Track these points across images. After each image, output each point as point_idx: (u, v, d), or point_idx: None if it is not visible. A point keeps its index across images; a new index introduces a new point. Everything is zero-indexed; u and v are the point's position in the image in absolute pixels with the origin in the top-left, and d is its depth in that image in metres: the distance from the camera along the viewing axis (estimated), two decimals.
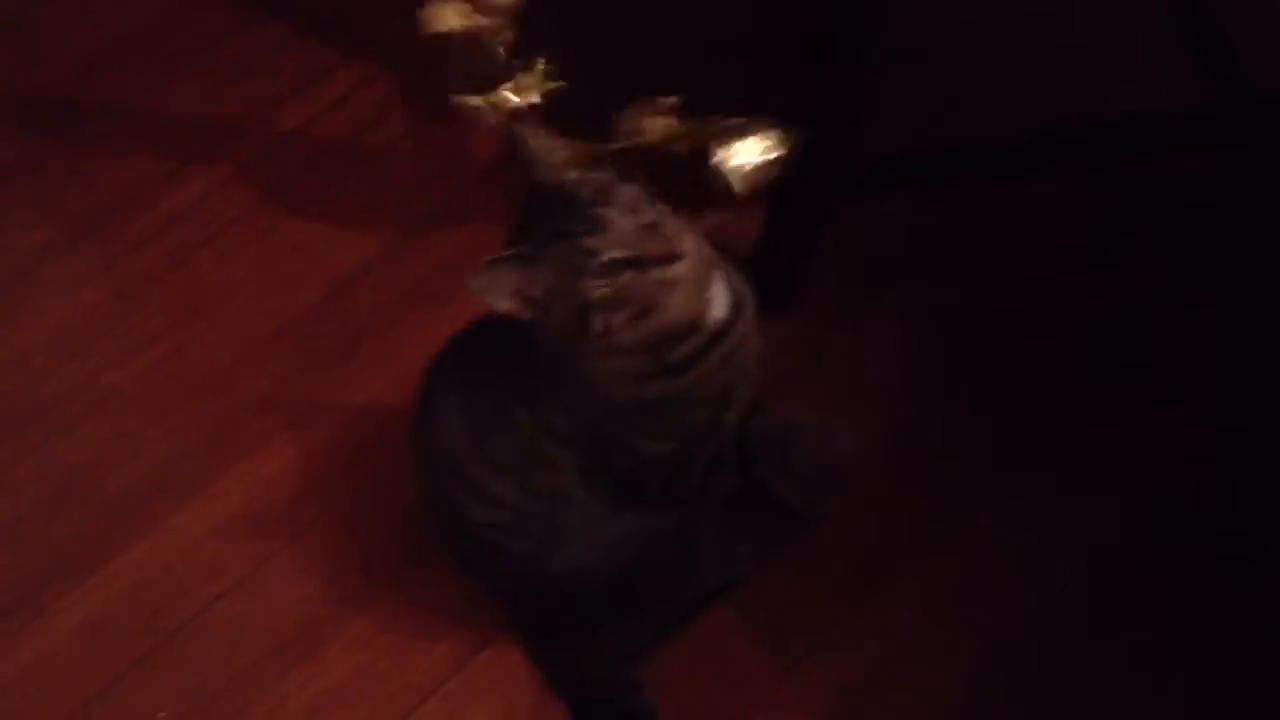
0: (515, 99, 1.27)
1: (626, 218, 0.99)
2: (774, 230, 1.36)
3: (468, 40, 1.28)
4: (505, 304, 1.01)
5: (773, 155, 1.24)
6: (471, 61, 1.30)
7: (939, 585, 1.29)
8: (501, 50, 1.28)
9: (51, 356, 1.48)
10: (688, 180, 1.18)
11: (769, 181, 1.26)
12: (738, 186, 1.25)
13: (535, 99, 1.28)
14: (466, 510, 1.13)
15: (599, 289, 0.98)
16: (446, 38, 1.28)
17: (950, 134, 1.53)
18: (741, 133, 1.25)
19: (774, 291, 1.39)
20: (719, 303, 1.07)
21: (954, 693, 1.23)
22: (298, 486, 1.37)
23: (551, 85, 1.29)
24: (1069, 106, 1.57)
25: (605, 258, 0.98)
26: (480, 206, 1.49)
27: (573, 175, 1.04)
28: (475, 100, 1.28)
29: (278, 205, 1.56)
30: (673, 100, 1.24)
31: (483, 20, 1.27)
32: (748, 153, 1.24)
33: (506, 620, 1.26)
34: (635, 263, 0.98)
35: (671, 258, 0.99)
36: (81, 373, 1.46)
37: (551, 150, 1.05)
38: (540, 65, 1.29)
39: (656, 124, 1.24)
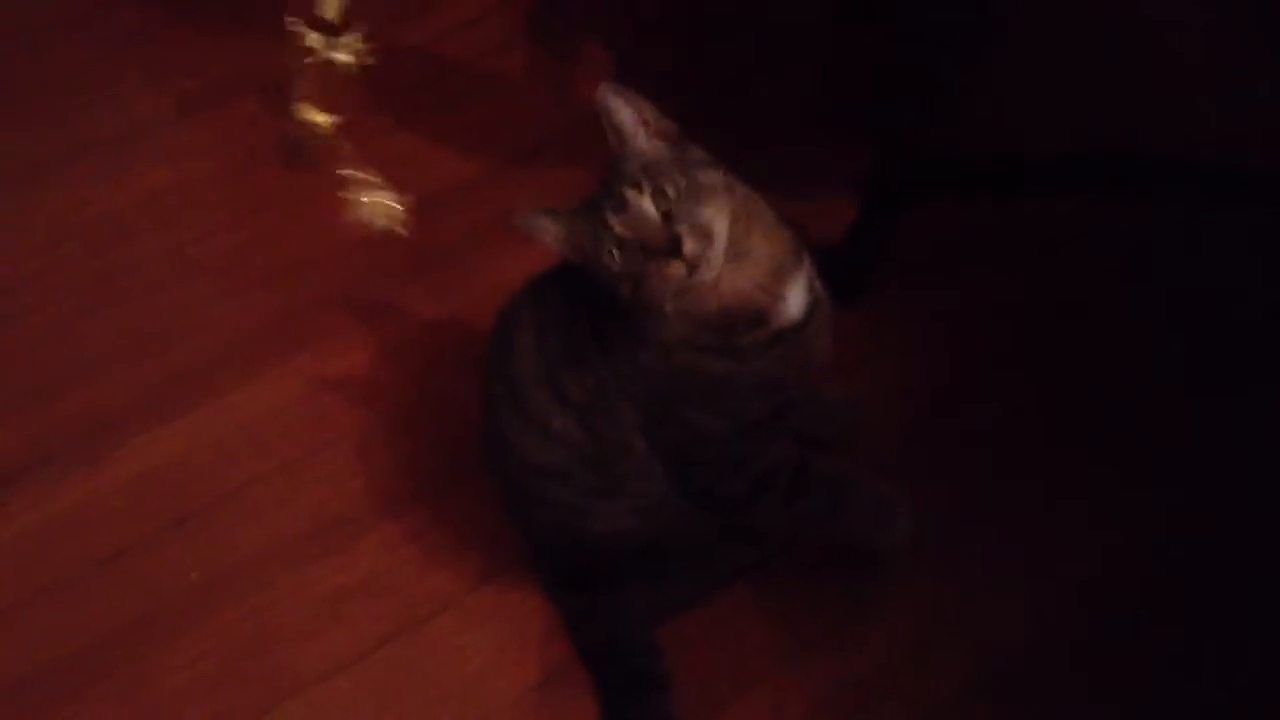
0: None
1: (652, 200, 1.01)
2: (861, 227, 1.37)
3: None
4: (553, 245, 1.06)
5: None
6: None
7: (947, 596, 1.30)
8: None
9: (144, 220, 1.52)
10: None
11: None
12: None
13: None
14: (523, 449, 1.14)
15: (614, 260, 1.02)
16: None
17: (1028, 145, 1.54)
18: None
19: (847, 286, 1.42)
20: (795, 303, 1.08)
21: (948, 701, 1.24)
22: (358, 387, 1.40)
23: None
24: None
25: (615, 233, 1.02)
26: (584, 147, 1.49)
27: (650, 145, 1.05)
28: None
29: (389, 112, 1.59)
30: None
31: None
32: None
33: (531, 553, 1.29)
34: (643, 246, 1.01)
35: (674, 252, 1.00)
36: (169, 241, 1.51)
37: (636, 118, 1.05)
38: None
39: None
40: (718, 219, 1.02)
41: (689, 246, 1.00)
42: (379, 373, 1.41)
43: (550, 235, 1.06)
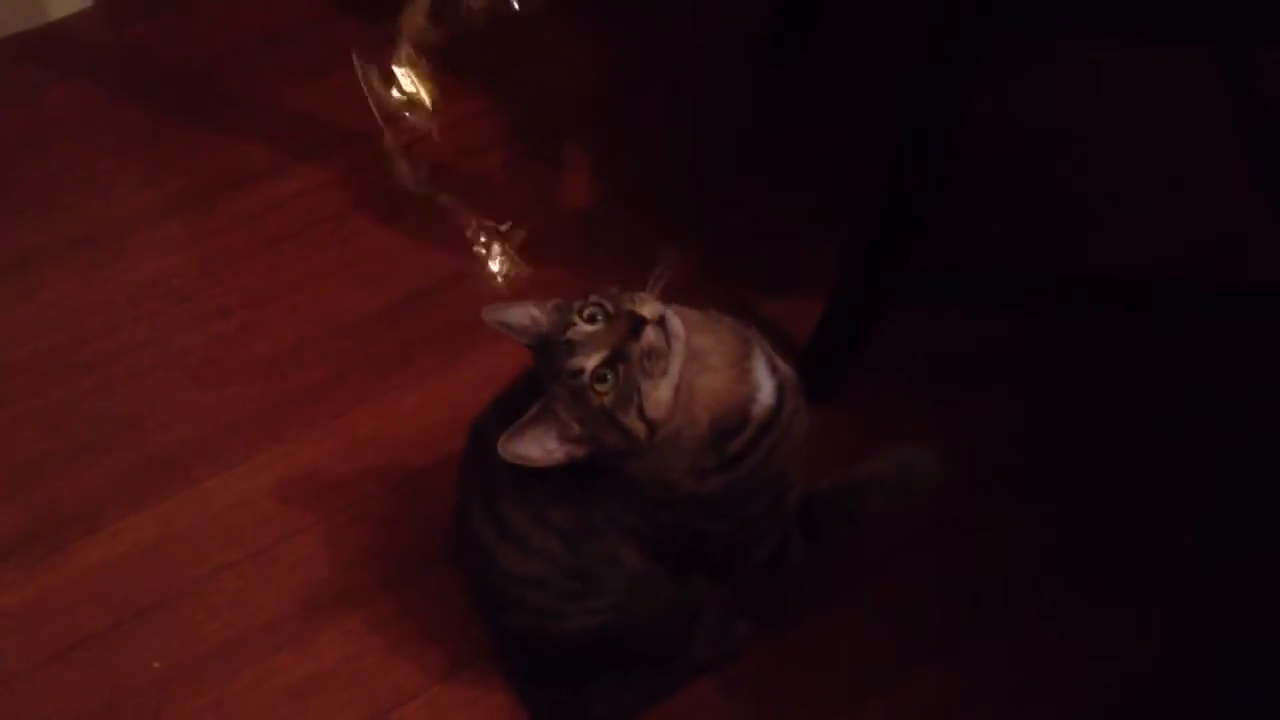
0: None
1: (590, 326, 1.01)
2: (830, 324, 1.39)
3: None
4: (557, 454, 1.02)
5: None
6: None
7: (929, 699, 1.28)
8: None
9: (129, 311, 1.55)
10: None
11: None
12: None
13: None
14: (499, 558, 1.12)
15: (605, 395, 1.00)
16: None
17: (1008, 244, 1.57)
18: None
19: (822, 382, 1.43)
20: (765, 388, 1.07)
21: None
22: (330, 477, 1.41)
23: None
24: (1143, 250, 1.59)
25: (589, 369, 1.00)
26: (564, 249, 1.54)
27: (546, 318, 1.05)
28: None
29: (369, 212, 1.63)
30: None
31: None
32: None
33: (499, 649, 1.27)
34: (619, 355, 1.00)
35: (636, 327, 1.00)
36: (153, 331, 1.53)
37: (522, 316, 1.05)
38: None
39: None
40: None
41: (650, 304, 1.00)
42: (353, 462, 1.42)
43: (548, 440, 1.02)
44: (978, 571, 1.36)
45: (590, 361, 0.99)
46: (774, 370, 1.09)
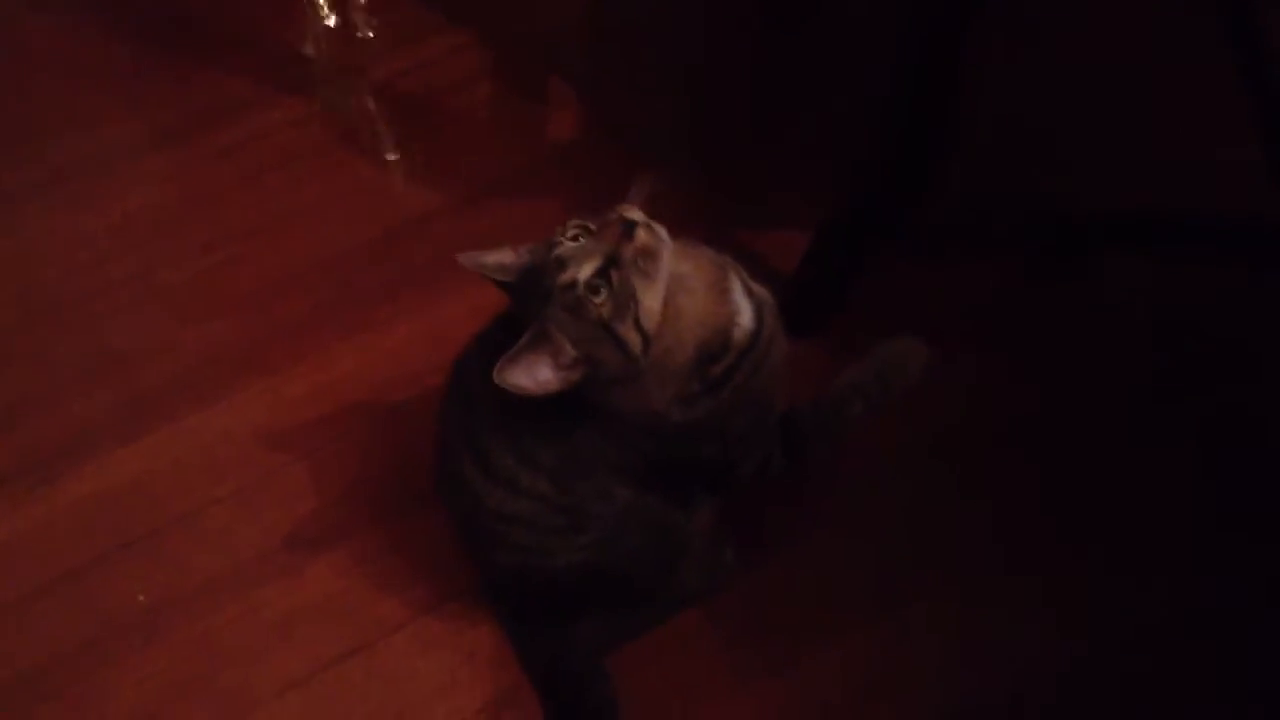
0: None
1: (578, 242, 1.03)
2: (814, 259, 1.38)
3: None
4: (551, 383, 1.03)
5: None
6: None
7: (915, 637, 1.28)
8: None
9: (115, 244, 1.55)
10: None
11: None
12: None
13: None
14: (487, 497, 1.13)
15: (602, 305, 1.01)
16: None
17: (1000, 188, 1.55)
18: None
19: (801, 316, 1.42)
20: (744, 311, 1.09)
21: None
22: (315, 411, 1.41)
23: None
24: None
25: (583, 279, 1.01)
26: (545, 184, 1.54)
27: (527, 256, 1.06)
28: None
29: (353, 145, 1.62)
30: None
31: None
32: None
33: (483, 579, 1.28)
34: (612, 261, 1.01)
35: (628, 229, 1.01)
36: (139, 265, 1.53)
37: (500, 257, 1.06)
38: None
39: None
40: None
41: (634, 210, 1.02)
42: (338, 397, 1.42)
43: (544, 365, 1.02)
44: (963, 501, 1.36)
45: (584, 271, 1.01)
46: (750, 293, 1.11)
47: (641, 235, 1.02)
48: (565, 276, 1.01)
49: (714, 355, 1.08)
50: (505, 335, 1.05)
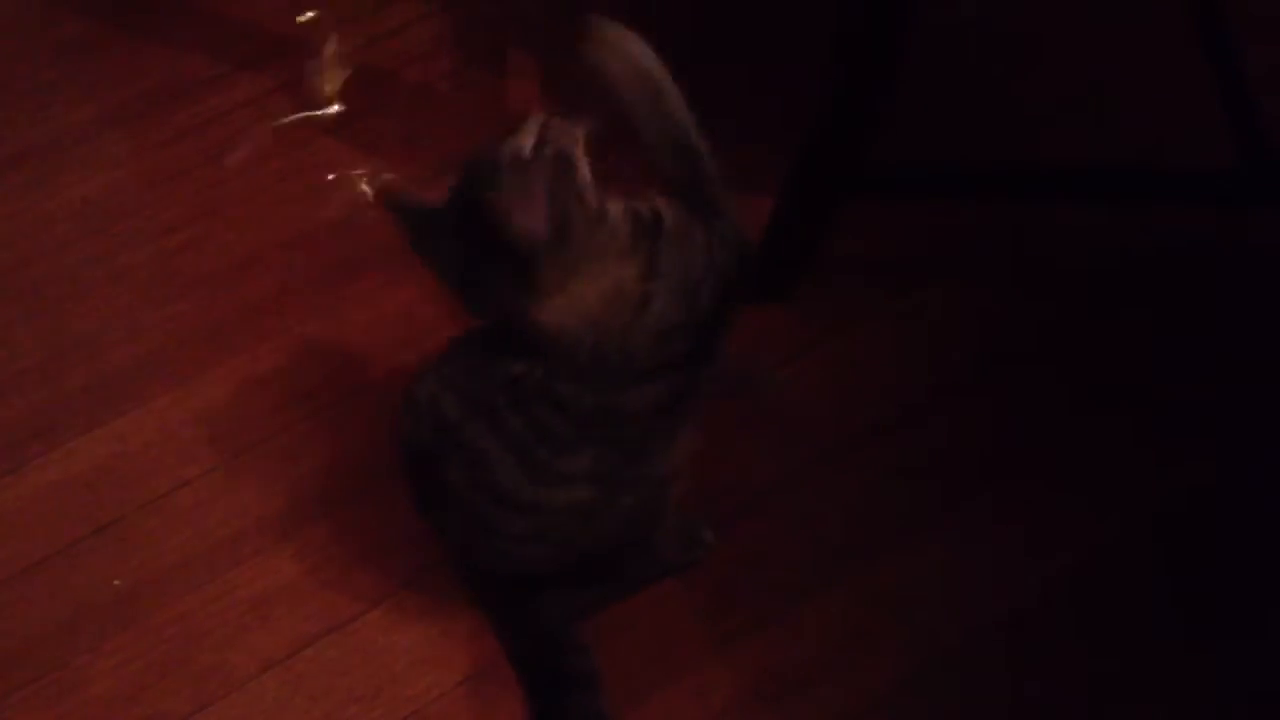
0: None
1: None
2: (779, 220, 1.39)
3: None
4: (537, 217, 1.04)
5: None
6: None
7: (887, 590, 1.31)
8: None
9: (75, 228, 1.53)
10: None
11: None
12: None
13: None
14: (449, 471, 1.14)
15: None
16: None
17: (965, 151, 1.56)
18: None
19: (773, 280, 1.43)
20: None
21: (882, 691, 1.24)
22: (284, 390, 1.40)
23: None
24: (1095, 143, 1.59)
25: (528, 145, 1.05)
26: None
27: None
28: None
29: (314, 122, 1.60)
30: None
31: None
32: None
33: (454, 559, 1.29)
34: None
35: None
36: (100, 248, 1.51)
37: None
38: None
39: None
40: None
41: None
42: (306, 376, 1.42)
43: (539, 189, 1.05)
44: (928, 465, 1.38)
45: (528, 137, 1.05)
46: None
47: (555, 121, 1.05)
48: (508, 149, 1.04)
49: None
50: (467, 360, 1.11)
